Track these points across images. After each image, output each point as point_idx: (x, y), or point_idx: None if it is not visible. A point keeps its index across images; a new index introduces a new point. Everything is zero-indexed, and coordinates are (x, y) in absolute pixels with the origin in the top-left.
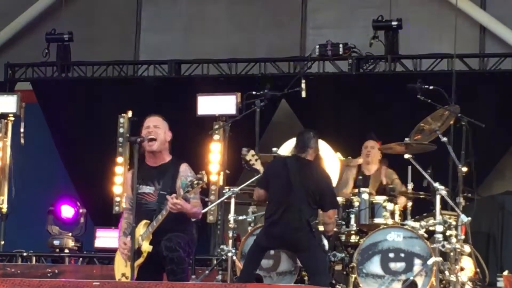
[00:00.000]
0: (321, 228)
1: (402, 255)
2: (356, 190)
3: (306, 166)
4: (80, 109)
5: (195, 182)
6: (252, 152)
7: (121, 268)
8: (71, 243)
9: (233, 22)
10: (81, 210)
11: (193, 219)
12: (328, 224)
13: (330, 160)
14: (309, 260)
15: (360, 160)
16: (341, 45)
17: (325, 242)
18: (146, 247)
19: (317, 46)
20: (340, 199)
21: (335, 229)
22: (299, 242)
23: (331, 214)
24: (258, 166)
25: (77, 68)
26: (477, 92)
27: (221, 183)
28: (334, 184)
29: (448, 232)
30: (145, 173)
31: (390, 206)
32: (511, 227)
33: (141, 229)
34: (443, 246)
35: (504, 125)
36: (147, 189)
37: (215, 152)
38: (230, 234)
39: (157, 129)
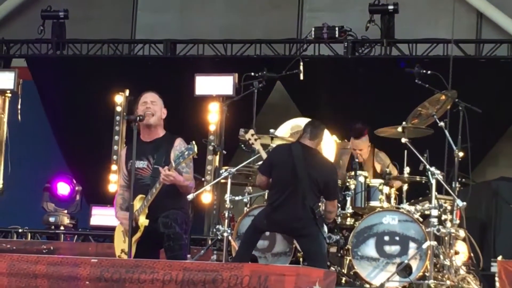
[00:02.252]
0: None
1: (397, 238)
2: (352, 173)
3: (311, 155)
4: (74, 87)
5: (186, 152)
6: (251, 131)
7: (120, 244)
8: (66, 220)
9: (230, 3)
10: (77, 188)
11: (189, 196)
12: (331, 212)
13: (327, 142)
14: (310, 245)
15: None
16: (337, 28)
17: (326, 229)
18: (143, 221)
19: (313, 29)
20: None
21: None
22: (301, 228)
23: (335, 204)
24: (258, 145)
25: (72, 46)
26: (471, 78)
27: (217, 163)
28: None
29: (443, 217)
30: (139, 148)
31: (386, 189)
32: (504, 213)
33: (137, 203)
34: (438, 230)
35: (498, 111)
36: (141, 164)
37: (212, 132)
38: (226, 215)
39: (154, 106)
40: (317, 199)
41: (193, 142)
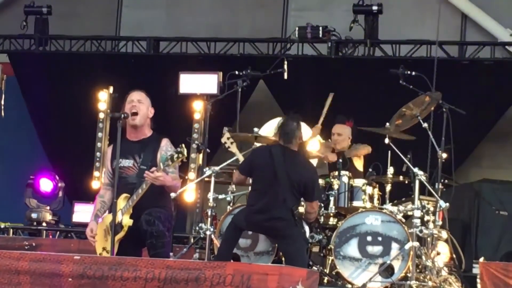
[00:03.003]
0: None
1: (380, 238)
2: (336, 173)
3: (291, 157)
4: (57, 83)
5: (175, 156)
6: (227, 135)
7: (102, 242)
8: (48, 216)
9: (216, 1)
10: (59, 184)
11: (172, 194)
12: (310, 213)
13: (310, 142)
14: (288, 247)
15: None
16: (320, 28)
17: (307, 229)
18: (127, 221)
19: (297, 28)
20: (320, 181)
21: None
22: (281, 229)
23: (315, 205)
24: (234, 149)
25: (55, 42)
26: (455, 79)
27: (201, 161)
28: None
29: (426, 218)
30: (126, 147)
31: (369, 189)
32: (487, 215)
33: (121, 203)
34: (421, 231)
35: (481, 113)
36: (126, 162)
37: (196, 130)
38: (209, 213)
39: (140, 104)
40: (296, 200)
41: (183, 145)
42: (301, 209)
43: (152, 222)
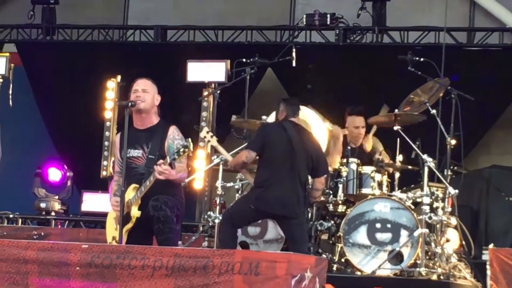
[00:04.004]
0: None
1: (389, 225)
2: (344, 160)
3: (303, 131)
4: (65, 72)
5: (181, 150)
6: (206, 129)
7: (112, 231)
8: (57, 206)
9: None
10: (68, 174)
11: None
12: (318, 190)
13: (319, 129)
14: (296, 228)
15: (346, 131)
16: (328, 15)
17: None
18: (135, 212)
19: (304, 16)
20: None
21: (322, 198)
22: (290, 206)
23: (323, 180)
24: (214, 142)
25: (62, 31)
26: (463, 66)
27: (209, 150)
28: None
29: (435, 204)
30: (133, 136)
31: (378, 176)
32: (496, 201)
33: (130, 193)
34: (430, 217)
35: (490, 99)
36: (135, 152)
37: (204, 119)
38: (218, 201)
39: (145, 93)
40: (307, 175)
41: (189, 139)
42: None
43: (159, 207)
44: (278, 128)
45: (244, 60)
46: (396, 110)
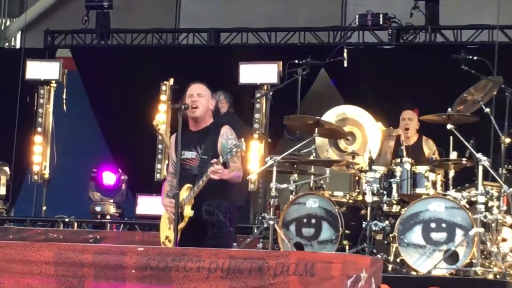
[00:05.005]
0: None
1: (444, 225)
2: (398, 160)
3: None
4: (119, 76)
5: (234, 149)
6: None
7: (165, 231)
8: (112, 209)
9: None
10: (122, 177)
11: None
12: None
13: (372, 129)
14: None
15: (399, 131)
16: (381, 15)
17: None
18: (188, 211)
19: (357, 16)
20: (382, 169)
21: (376, 199)
22: None
23: None
24: (162, 131)
25: (116, 35)
26: None
27: (262, 151)
28: (375, 153)
29: (490, 203)
30: (187, 138)
31: (432, 176)
32: None
33: (184, 193)
34: (485, 216)
35: None
36: (189, 154)
37: (257, 120)
38: (272, 203)
39: (200, 98)
40: None
41: (242, 139)
42: None
43: (212, 212)
44: None
45: (296, 61)
46: (449, 110)
